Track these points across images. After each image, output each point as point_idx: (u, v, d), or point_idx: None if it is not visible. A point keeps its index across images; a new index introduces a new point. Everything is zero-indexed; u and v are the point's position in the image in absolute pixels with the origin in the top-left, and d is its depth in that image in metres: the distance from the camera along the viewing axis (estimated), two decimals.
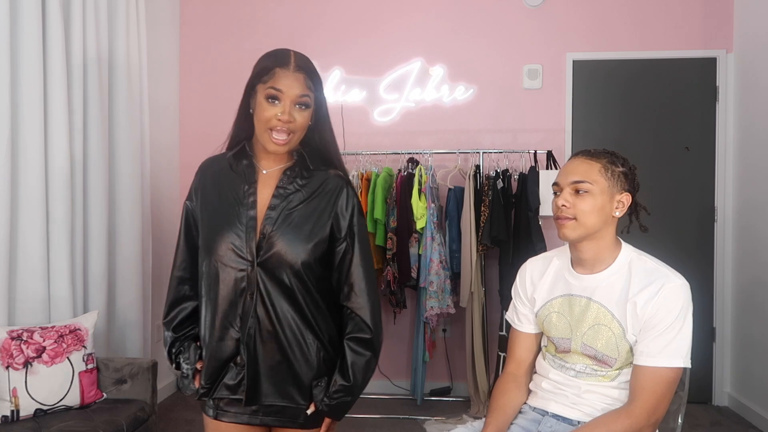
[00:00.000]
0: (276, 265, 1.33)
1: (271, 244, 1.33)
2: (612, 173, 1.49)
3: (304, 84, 1.33)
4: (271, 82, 1.31)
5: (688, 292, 1.44)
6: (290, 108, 1.31)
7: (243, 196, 1.38)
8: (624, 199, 1.51)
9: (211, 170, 1.45)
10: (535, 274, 1.66)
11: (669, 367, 1.40)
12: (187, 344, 1.45)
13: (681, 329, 1.41)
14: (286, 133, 1.32)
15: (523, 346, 1.68)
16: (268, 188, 1.40)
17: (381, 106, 3.84)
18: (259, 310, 1.34)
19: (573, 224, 1.47)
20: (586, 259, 1.53)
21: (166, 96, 3.81)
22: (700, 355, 3.54)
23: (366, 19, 3.87)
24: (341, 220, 1.39)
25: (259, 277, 1.33)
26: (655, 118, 3.70)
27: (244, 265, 1.34)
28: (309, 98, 1.34)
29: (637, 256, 1.51)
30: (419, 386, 3.55)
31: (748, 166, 3.48)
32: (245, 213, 1.36)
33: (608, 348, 1.47)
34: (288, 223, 1.35)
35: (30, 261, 2.47)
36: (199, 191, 1.44)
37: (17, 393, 2.18)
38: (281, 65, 1.33)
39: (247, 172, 1.41)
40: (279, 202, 1.38)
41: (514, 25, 3.79)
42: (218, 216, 1.37)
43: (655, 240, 3.06)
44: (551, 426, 1.53)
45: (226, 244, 1.34)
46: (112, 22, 3.01)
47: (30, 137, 2.44)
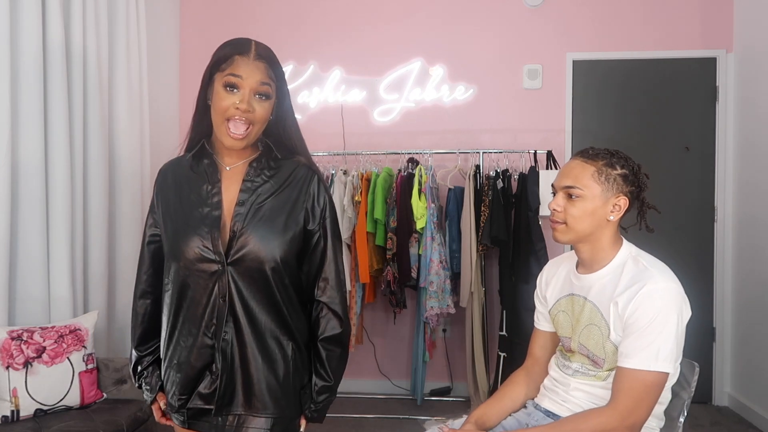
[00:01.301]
0: (250, 264, 1.25)
1: (243, 242, 1.25)
2: (607, 177, 1.47)
3: (265, 73, 1.25)
4: (229, 70, 1.24)
5: (674, 295, 1.39)
6: (249, 97, 1.24)
7: (206, 197, 1.30)
8: (621, 203, 1.48)
9: (171, 175, 1.38)
10: (548, 275, 1.70)
11: (646, 370, 1.37)
12: (151, 370, 1.40)
13: (661, 332, 1.36)
14: (245, 124, 1.24)
15: (539, 343, 1.72)
16: (233, 185, 1.32)
17: (381, 106, 3.84)
18: (232, 313, 1.27)
19: (563, 228, 1.49)
20: (584, 260, 1.55)
21: (166, 95, 3.81)
22: (700, 355, 3.54)
23: (366, 19, 3.87)
24: (316, 209, 1.33)
25: (231, 278, 1.25)
26: (655, 118, 3.70)
27: (214, 267, 1.25)
28: (270, 88, 1.26)
29: (634, 256, 1.49)
30: (419, 386, 3.55)
31: (748, 166, 3.48)
32: (210, 214, 1.28)
33: (597, 347, 1.48)
34: (259, 217, 1.27)
35: (30, 261, 2.47)
36: (160, 198, 1.36)
37: (17, 393, 2.18)
38: (241, 52, 1.25)
39: (208, 171, 1.33)
40: (247, 197, 1.30)
41: (514, 25, 3.78)
42: (181, 220, 1.29)
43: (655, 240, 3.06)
44: (537, 420, 1.57)
45: (192, 248, 1.25)
46: (112, 22, 3.02)
47: (30, 137, 2.44)
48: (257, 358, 1.28)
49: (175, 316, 1.31)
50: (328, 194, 1.37)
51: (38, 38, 2.45)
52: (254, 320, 1.27)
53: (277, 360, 1.29)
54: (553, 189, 1.54)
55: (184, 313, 1.30)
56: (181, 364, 1.30)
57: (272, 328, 1.29)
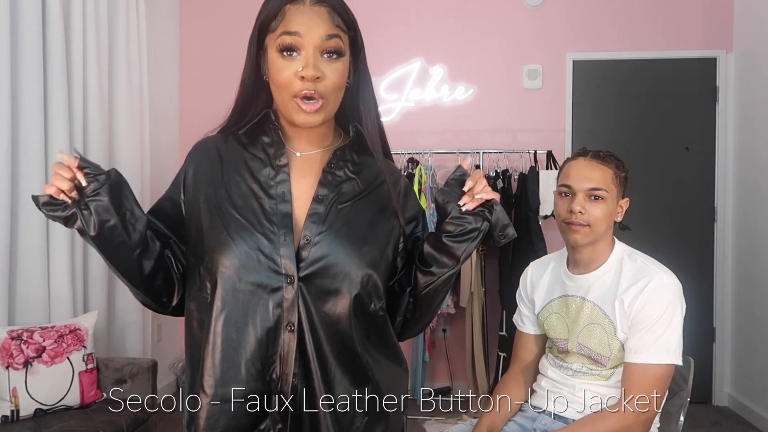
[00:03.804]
0: (328, 285, 0.92)
1: (321, 252, 0.92)
2: (619, 179, 1.51)
3: (329, 21, 0.91)
4: (282, 27, 0.91)
5: (677, 289, 1.44)
6: (314, 58, 0.91)
7: (268, 185, 0.96)
8: (623, 204, 1.54)
9: (216, 151, 1.01)
10: (534, 277, 1.68)
11: (658, 364, 1.40)
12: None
13: (669, 326, 1.41)
14: (316, 97, 0.91)
15: (525, 347, 1.71)
16: (306, 177, 0.98)
17: (381, 106, 3.76)
18: (303, 349, 0.91)
19: (586, 231, 1.47)
20: (582, 260, 1.54)
21: (166, 95, 3.81)
22: (700, 355, 3.54)
23: (366, 19, 3.84)
24: (408, 208, 1.05)
25: (302, 300, 0.91)
26: (655, 118, 3.70)
27: (279, 283, 0.90)
28: (340, 42, 0.93)
29: (629, 254, 1.52)
30: (419, 386, 3.55)
31: (748, 166, 3.48)
32: (275, 208, 0.94)
33: (601, 346, 1.48)
34: (344, 222, 0.95)
35: (30, 261, 2.47)
36: (195, 177, 1.00)
37: (17, 393, 2.18)
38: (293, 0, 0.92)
39: (270, 153, 0.99)
40: (328, 193, 0.97)
41: (514, 25, 3.78)
42: (229, 214, 0.94)
43: (655, 240, 3.06)
44: (545, 424, 1.55)
45: (247, 251, 0.91)
46: (111, 21, 3.01)
47: (30, 137, 2.44)
48: (332, 411, 0.93)
49: (215, 352, 0.92)
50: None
51: (38, 38, 2.45)
52: (326, 362, 0.93)
53: (344, 418, 0.94)
54: (567, 190, 1.51)
55: (228, 346, 0.92)
56: (222, 419, 0.92)
57: (346, 373, 0.95)
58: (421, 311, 1.04)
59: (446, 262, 0.95)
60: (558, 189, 1.55)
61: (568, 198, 1.51)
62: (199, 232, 0.96)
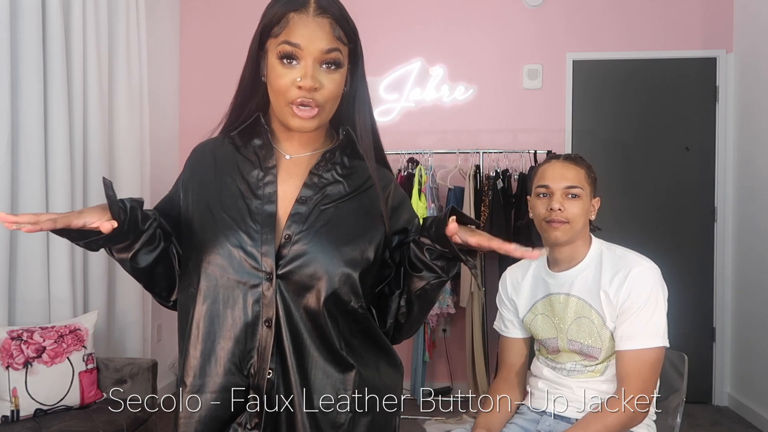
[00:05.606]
0: (306, 281, 0.94)
1: (300, 250, 0.95)
2: (590, 179, 1.59)
3: (330, 33, 0.94)
4: (283, 35, 0.93)
5: (657, 273, 1.50)
6: (313, 69, 0.93)
7: (256, 186, 1.00)
8: (595, 203, 1.61)
9: (211, 154, 1.06)
10: (515, 279, 1.72)
11: (650, 348, 1.45)
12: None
13: (655, 309, 1.46)
14: (312, 105, 0.94)
15: (512, 351, 1.73)
16: (293, 179, 1.01)
17: (381, 106, 3.83)
18: (280, 344, 0.94)
19: (566, 227, 1.53)
20: (563, 258, 1.58)
21: (166, 95, 3.81)
22: (700, 355, 3.55)
23: (366, 19, 3.85)
24: (402, 214, 1.07)
25: (280, 296, 0.94)
26: (655, 118, 3.70)
27: (258, 279, 0.94)
28: (339, 54, 0.95)
29: (607, 247, 1.58)
30: (419, 386, 3.55)
31: (748, 166, 3.48)
32: (261, 208, 0.97)
33: (591, 338, 1.51)
34: (325, 222, 0.97)
35: (30, 261, 2.47)
36: (193, 177, 1.05)
37: (17, 393, 2.18)
38: (296, 8, 0.94)
39: (261, 155, 1.02)
40: (312, 194, 1.00)
41: (514, 25, 3.78)
42: (217, 213, 0.98)
43: (655, 240, 3.07)
44: (549, 425, 1.56)
45: (230, 249, 0.94)
46: (111, 21, 3.01)
47: (30, 137, 2.44)
48: (312, 406, 0.95)
49: (195, 345, 0.96)
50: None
51: (38, 38, 2.45)
52: (306, 357, 0.95)
53: (328, 414, 0.96)
54: (546, 190, 1.56)
55: (209, 340, 0.95)
56: (203, 410, 0.95)
57: (328, 369, 0.97)
58: (414, 316, 1.07)
59: (436, 270, 1.01)
60: (535, 191, 1.60)
61: (546, 198, 1.56)
62: (191, 230, 1.01)
